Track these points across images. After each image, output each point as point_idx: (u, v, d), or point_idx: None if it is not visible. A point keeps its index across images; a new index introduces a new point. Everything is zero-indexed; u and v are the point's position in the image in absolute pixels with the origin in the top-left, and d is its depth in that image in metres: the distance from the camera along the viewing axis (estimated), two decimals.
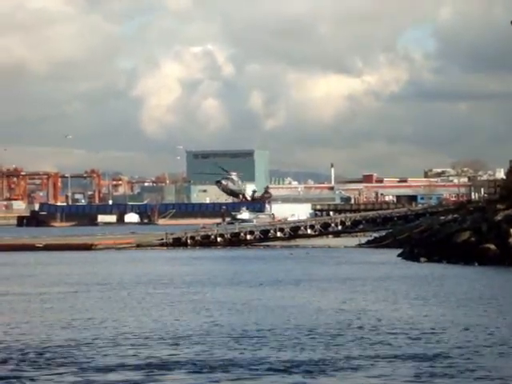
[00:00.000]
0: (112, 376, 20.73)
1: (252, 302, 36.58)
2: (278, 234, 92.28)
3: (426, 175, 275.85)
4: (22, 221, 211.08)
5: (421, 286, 43.59)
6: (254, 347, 24.63)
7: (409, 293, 40.08)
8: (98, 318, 31.93)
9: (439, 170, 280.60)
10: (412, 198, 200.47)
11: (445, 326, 28.41)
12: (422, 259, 62.67)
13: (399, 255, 67.54)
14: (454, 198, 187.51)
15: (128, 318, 31.76)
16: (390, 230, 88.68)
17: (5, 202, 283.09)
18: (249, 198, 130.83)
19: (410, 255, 65.80)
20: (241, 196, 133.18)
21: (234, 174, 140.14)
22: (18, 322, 30.71)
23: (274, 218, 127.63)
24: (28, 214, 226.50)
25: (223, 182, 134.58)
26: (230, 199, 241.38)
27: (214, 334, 27.30)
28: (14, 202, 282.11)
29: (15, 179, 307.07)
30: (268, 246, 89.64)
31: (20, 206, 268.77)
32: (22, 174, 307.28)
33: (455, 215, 73.84)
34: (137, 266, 62.87)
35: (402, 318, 30.80)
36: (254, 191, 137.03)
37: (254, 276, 51.09)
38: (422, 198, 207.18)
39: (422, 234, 72.19)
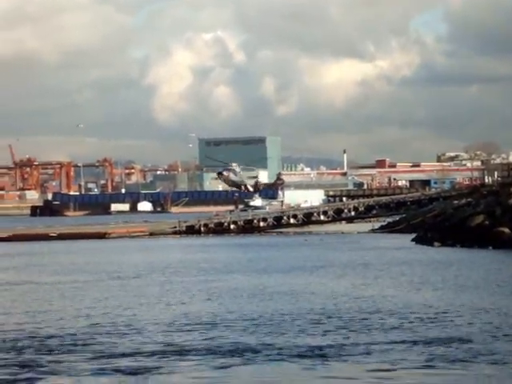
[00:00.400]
0: (129, 362, 20.76)
1: (269, 289, 36.52)
2: (291, 220, 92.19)
3: (438, 159, 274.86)
4: (35, 210, 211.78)
5: (436, 270, 43.46)
6: (271, 333, 24.61)
7: (424, 277, 39.97)
8: (115, 305, 32.01)
9: (452, 154, 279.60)
10: (425, 183, 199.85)
11: (460, 310, 28.30)
12: (436, 243, 62.51)
13: (413, 240, 67.40)
14: (467, 182, 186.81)
15: (145, 306, 31.79)
16: (404, 215, 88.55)
17: (18, 192, 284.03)
18: (251, 189, 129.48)
19: (423, 240, 65.65)
20: (243, 187, 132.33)
21: (235, 164, 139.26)
22: (37, 311, 30.75)
23: (282, 204, 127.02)
24: (41, 204, 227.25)
25: (224, 173, 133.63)
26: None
27: (230, 320, 27.29)
28: (27, 191, 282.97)
29: (28, 169, 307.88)
30: (281, 232, 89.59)
31: (33, 196, 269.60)
32: (35, 163, 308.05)
33: (469, 199, 73.62)
34: (152, 254, 62.94)
35: (418, 302, 30.71)
36: (257, 181, 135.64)
37: (270, 263, 51.02)
38: (435, 183, 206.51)
39: (435, 218, 72.02)
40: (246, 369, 19.99)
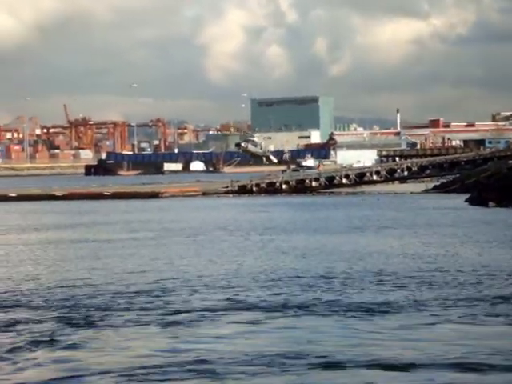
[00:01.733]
0: (189, 316, 21.13)
1: (333, 248, 36.55)
2: (344, 180, 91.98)
3: (493, 119, 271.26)
4: (89, 170, 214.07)
5: (497, 230, 43.34)
6: (333, 289, 24.85)
7: (482, 237, 39.84)
8: (179, 263, 32.32)
9: (507, 114, 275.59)
10: (480, 143, 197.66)
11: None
12: (491, 204, 62.00)
13: (467, 200, 66.90)
14: None
15: (208, 263, 32.06)
16: (458, 175, 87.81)
17: (73, 152, 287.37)
18: (274, 160, 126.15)
19: (477, 200, 65.12)
20: (264, 159, 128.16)
21: (257, 135, 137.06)
22: (105, 268, 31.16)
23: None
24: (95, 163, 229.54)
25: (243, 144, 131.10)
26: (295, 146, 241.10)
27: (289, 277, 27.49)
28: (81, 151, 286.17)
29: (82, 129, 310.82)
30: (333, 192, 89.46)
31: (87, 155, 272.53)
32: (90, 123, 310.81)
33: None
34: (209, 213, 63.31)
35: (479, 261, 30.68)
36: (282, 152, 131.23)
37: (331, 222, 50.98)
38: (489, 142, 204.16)
39: (489, 178, 71.29)
40: (308, 322, 20.23)
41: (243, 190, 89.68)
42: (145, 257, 34.66)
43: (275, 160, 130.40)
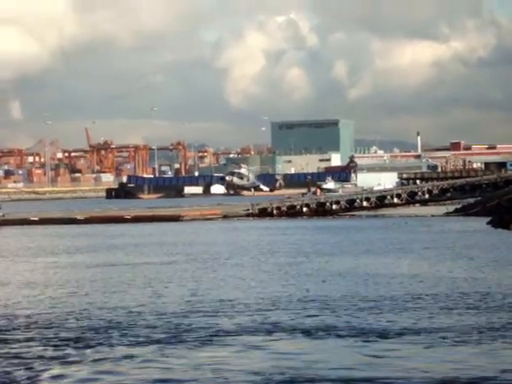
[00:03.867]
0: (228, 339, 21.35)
1: (370, 271, 36.61)
2: (364, 203, 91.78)
3: None
4: (110, 193, 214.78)
5: None
6: (373, 312, 25.04)
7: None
8: (208, 286, 32.54)
9: None
10: (501, 165, 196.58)
11: None
12: None
13: (488, 223, 66.59)
14: None
15: (238, 285, 32.37)
16: (479, 198, 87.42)
17: (94, 175, 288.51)
18: (266, 189, 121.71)
19: (499, 223, 64.78)
20: (252, 190, 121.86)
21: (244, 166, 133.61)
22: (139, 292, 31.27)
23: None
24: (116, 187, 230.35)
25: (227, 178, 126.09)
26: (315, 169, 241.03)
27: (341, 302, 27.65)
28: (102, 174, 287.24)
29: (104, 152, 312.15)
30: (354, 215, 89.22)
31: (109, 179, 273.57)
32: (112, 147, 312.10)
33: None
34: (233, 236, 63.40)
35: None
36: (276, 180, 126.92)
37: (366, 245, 50.85)
38: (511, 165, 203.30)
39: (511, 201, 70.93)
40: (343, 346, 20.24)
41: (264, 213, 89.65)
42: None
43: (266, 189, 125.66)
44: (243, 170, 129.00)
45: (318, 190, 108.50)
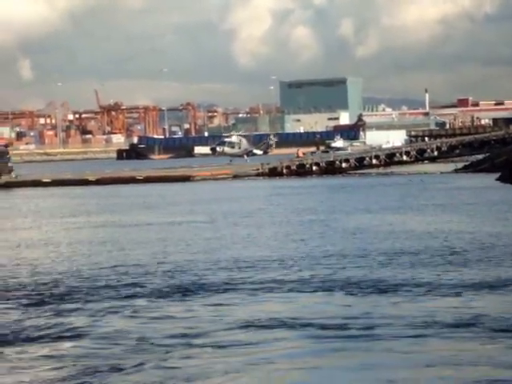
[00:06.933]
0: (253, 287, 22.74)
1: (390, 227, 37.28)
2: (374, 161, 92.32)
3: None
4: (121, 154, 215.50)
5: None
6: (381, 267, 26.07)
7: None
8: (230, 243, 33.58)
9: None
10: (509, 121, 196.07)
11: None
12: None
13: (497, 179, 67.13)
14: None
15: (271, 242, 33.28)
16: (487, 154, 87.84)
17: (105, 136, 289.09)
18: (259, 153, 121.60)
19: (508, 179, 65.37)
20: (245, 156, 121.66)
21: (235, 133, 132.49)
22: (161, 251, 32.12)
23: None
24: (127, 148, 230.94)
25: (218, 148, 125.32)
26: (324, 128, 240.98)
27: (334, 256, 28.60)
28: (113, 135, 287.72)
29: (114, 113, 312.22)
30: (363, 173, 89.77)
31: (119, 140, 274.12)
32: (122, 108, 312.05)
33: None
34: (248, 195, 64.07)
35: None
36: (266, 143, 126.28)
37: (386, 202, 51.45)
38: None
39: None
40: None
41: (274, 173, 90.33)
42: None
43: (260, 152, 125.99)
44: (234, 138, 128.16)
45: (300, 152, 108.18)
